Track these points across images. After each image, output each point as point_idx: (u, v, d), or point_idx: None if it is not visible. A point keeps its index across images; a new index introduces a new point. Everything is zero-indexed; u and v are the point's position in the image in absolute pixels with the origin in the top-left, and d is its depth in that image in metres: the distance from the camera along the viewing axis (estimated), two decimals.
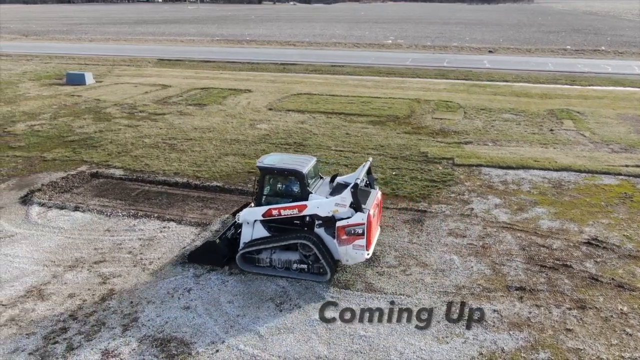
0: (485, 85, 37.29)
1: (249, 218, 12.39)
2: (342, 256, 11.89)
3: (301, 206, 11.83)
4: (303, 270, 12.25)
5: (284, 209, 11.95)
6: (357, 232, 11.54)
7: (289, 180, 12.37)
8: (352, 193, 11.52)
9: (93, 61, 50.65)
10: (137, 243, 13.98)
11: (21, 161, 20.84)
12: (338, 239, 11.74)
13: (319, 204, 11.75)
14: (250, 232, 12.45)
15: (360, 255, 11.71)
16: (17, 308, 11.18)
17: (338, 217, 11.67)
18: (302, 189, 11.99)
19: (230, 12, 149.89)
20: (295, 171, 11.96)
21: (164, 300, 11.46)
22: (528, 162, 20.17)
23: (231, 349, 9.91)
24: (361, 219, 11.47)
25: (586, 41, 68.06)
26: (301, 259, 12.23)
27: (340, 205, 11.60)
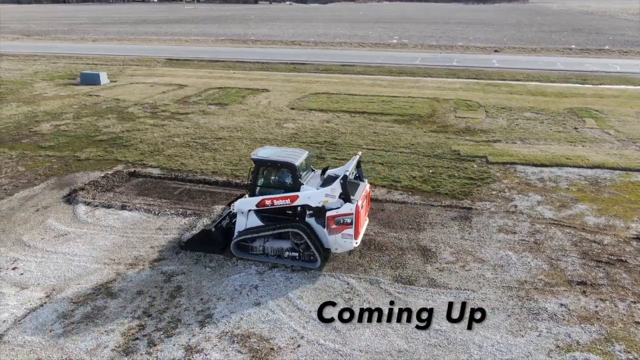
0: (500, 85, 37.60)
1: (244, 208, 13.04)
2: (331, 245, 12.50)
3: (293, 197, 12.45)
4: (294, 258, 12.84)
5: (277, 199, 12.58)
6: (346, 222, 12.15)
7: (281, 172, 12.91)
8: (341, 184, 12.09)
9: (101, 61, 50.50)
10: None
11: (55, 161, 20.83)
12: (328, 228, 12.34)
13: (310, 195, 12.38)
14: (245, 222, 13.07)
15: (348, 243, 12.34)
16: (88, 305, 11.25)
17: (328, 208, 12.27)
18: (294, 180, 12.57)
19: (229, 12, 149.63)
20: (287, 163, 12.57)
21: (233, 297, 11.57)
22: (560, 159, 20.44)
23: (312, 344, 10.05)
24: (350, 209, 12.07)
25: (589, 41, 68.68)
26: (293, 247, 12.80)
27: (330, 195, 12.22)
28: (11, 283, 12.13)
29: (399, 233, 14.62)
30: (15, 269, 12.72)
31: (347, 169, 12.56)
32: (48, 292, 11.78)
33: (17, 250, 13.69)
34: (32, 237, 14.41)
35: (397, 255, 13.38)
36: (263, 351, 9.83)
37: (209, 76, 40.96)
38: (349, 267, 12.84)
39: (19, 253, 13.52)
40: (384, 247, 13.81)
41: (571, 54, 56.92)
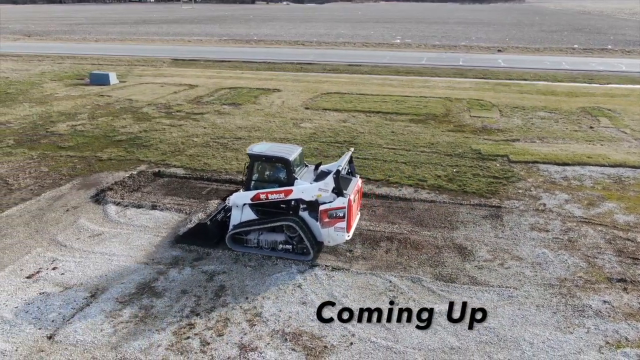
0: (510, 84, 37.79)
1: (239, 202, 13.32)
2: (324, 238, 12.83)
3: (287, 191, 12.77)
4: (288, 250, 13.15)
5: (272, 193, 12.89)
6: (338, 215, 12.49)
7: (276, 167, 13.18)
8: (334, 179, 12.43)
9: (107, 61, 50.38)
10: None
11: (77, 161, 20.81)
12: (321, 222, 12.66)
13: (304, 189, 12.71)
14: (240, 215, 13.36)
15: (340, 237, 12.69)
16: (135, 305, 11.27)
17: (321, 202, 12.60)
18: (289, 175, 12.88)
19: (228, 12, 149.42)
20: (282, 158, 12.86)
21: (278, 295, 11.62)
22: (582, 158, 20.59)
23: (364, 341, 10.11)
24: (342, 203, 12.41)
25: (590, 40, 69.06)
26: (286, 240, 13.11)
27: (323, 190, 12.56)
28: (53, 283, 12.13)
29: (432, 231, 14.70)
30: (55, 269, 12.72)
31: (340, 165, 12.86)
32: (92, 291, 11.78)
33: (54, 250, 13.69)
34: (67, 237, 14.40)
35: (434, 254, 13.47)
36: (317, 349, 9.88)
37: (217, 76, 40.94)
38: (389, 266, 12.91)
39: (56, 253, 13.52)
40: (420, 246, 13.89)
41: (574, 54, 57.20)
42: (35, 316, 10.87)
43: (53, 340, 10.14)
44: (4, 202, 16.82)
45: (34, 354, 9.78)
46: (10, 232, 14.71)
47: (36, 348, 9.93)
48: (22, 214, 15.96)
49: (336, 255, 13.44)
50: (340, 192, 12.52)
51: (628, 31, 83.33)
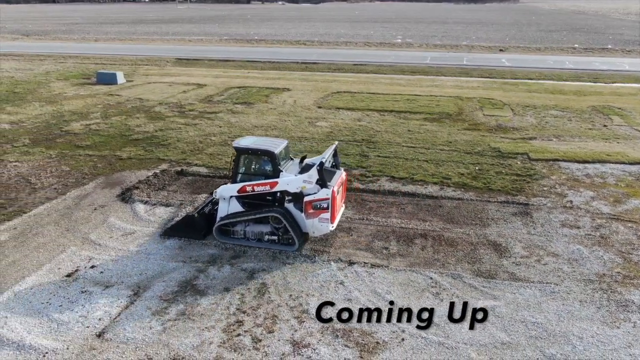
0: (517, 83, 38.00)
1: (225, 194, 13.59)
2: (309, 228, 13.16)
3: (273, 183, 13.09)
4: (274, 241, 13.45)
5: (258, 185, 13.21)
6: (322, 207, 12.82)
7: (262, 160, 13.49)
8: (318, 171, 12.74)
9: (110, 61, 50.12)
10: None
11: (97, 160, 20.71)
12: (305, 213, 12.98)
13: (289, 181, 13.01)
14: (226, 208, 13.63)
15: (325, 227, 13.03)
16: (180, 303, 11.24)
17: (306, 193, 12.90)
18: (274, 167, 13.17)
19: (224, 12, 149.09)
20: (267, 151, 13.18)
21: (322, 292, 11.64)
22: (601, 156, 20.76)
23: (415, 337, 10.15)
24: (326, 194, 12.74)
25: (590, 40, 69.57)
26: (272, 231, 13.40)
27: (308, 182, 12.86)
28: (93, 281, 12.08)
29: (464, 229, 14.78)
30: (93, 268, 12.67)
31: (324, 157, 13.13)
32: (134, 289, 11.75)
33: (89, 249, 13.63)
34: (100, 235, 14.34)
35: (470, 251, 13.54)
36: (370, 345, 9.91)
37: (224, 75, 40.87)
38: (427, 262, 12.96)
39: (91, 251, 13.46)
40: (454, 243, 13.96)
41: (575, 53, 57.59)
42: (81, 314, 10.82)
43: (103, 339, 10.10)
44: (30, 201, 16.71)
45: (86, 352, 9.73)
46: (41, 231, 14.62)
47: (87, 346, 9.89)
48: (49, 212, 15.87)
49: (373, 252, 13.48)
50: (324, 183, 12.85)
51: (626, 31, 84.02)
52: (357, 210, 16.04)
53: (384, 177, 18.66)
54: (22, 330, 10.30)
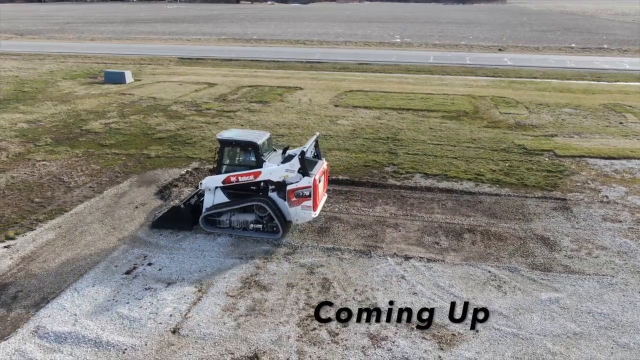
0: (525, 82, 38.48)
1: (210, 185, 13.96)
2: (292, 216, 13.58)
3: (256, 173, 13.52)
4: (258, 229, 13.86)
5: (242, 175, 13.62)
6: (304, 194, 13.24)
7: (245, 151, 13.88)
8: (299, 160, 13.18)
9: (112, 60, 49.67)
10: (312, 234, 14.20)
11: (125, 158, 20.58)
12: (289, 201, 13.39)
13: (272, 171, 13.48)
14: (212, 198, 13.99)
15: (308, 214, 13.45)
16: (248, 299, 11.26)
17: (288, 182, 13.30)
18: (257, 158, 13.61)
19: (216, 12, 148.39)
20: (251, 142, 13.61)
21: (386, 286, 11.74)
22: (625, 152, 21.16)
23: (488, 329, 10.30)
24: (308, 182, 13.17)
25: (584, 40, 70.60)
26: (257, 220, 13.82)
27: (290, 170, 13.30)
28: (154, 279, 12.04)
29: (509, 223, 14.99)
30: (150, 265, 12.63)
31: (305, 147, 13.58)
32: (197, 286, 11.74)
33: (140, 246, 13.58)
34: (148, 233, 14.29)
35: (520, 245, 13.74)
36: (446, 337, 10.04)
37: (232, 75, 40.75)
38: (481, 256, 13.14)
39: (143, 249, 13.41)
40: (502, 237, 14.16)
41: (574, 53, 58.39)
42: (151, 311, 10.79)
43: (179, 334, 10.08)
44: (68, 200, 16.56)
45: (165, 348, 9.72)
46: (87, 229, 14.52)
47: (165, 342, 9.87)
48: (91, 211, 15.75)
49: (425, 247, 13.62)
50: (306, 172, 13.25)
51: (617, 31, 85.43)
52: (399, 207, 16.17)
53: (417, 174, 18.82)
54: (95, 327, 10.25)
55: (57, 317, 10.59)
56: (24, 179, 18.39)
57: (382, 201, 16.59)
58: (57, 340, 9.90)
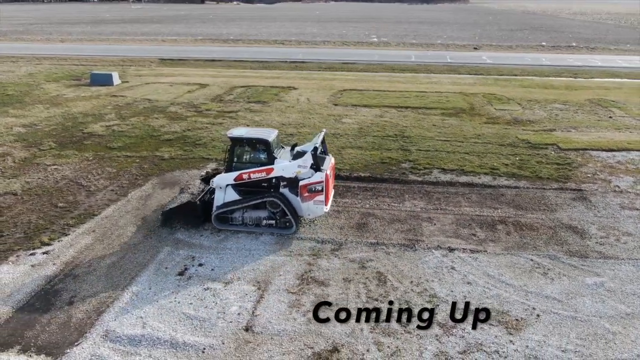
0: (510, 79, 39.75)
1: (222, 183, 14.05)
2: (304, 212, 13.86)
3: (269, 169, 13.72)
4: (271, 225, 14.05)
5: (254, 172, 13.77)
6: (317, 190, 13.55)
7: (257, 149, 14.05)
8: (312, 155, 13.49)
9: (90, 62, 48.41)
10: (351, 230, 14.46)
11: (139, 161, 20.29)
12: (301, 197, 13.61)
13: (284, 167, 13.68)
14: (222, 196, 14.08)
15: (320, 209, 13.76)
16: (310, 294, 11.43)
17: (300, 178, 13.56)
18: (269, 155, 13.84)
19: (183, 12, 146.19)
20: (262, 140, 13.83)
21: (440, 278, 12.12)
22: (623, 145, 22.30)
23: (547, 313, 10.81)
24: (320, 177, 13.50)
25: (552, 38, 73.24)
26: (269, 216, 14.00)
27: (302, 166, 13.54)
28: (210, 279, 12.06)
29: (536, 214, 15.64)
30: (201, 266, 12.61)
31: (317, 143, 13.86)
32: (255, 284, 11.82)
33: (184, 248, 13.52)
34: (189, 235, 14.23)
35: (552, 234, 14.38)
36: (511, 322, 10.48)
37: (221, 75, 40.46)
38: (519, 246, 13.70)
39: (188, 251, 13.37)
40: (534, 227, 14.78)
41: (545, 51, 60.52)
42: (218, 310, 10.82)
43: (252, 332, 10.17)
44: (93, 204, 16.27)
45: (243, 346, 9.79)
46: (123, 233, 14.34)
47: (241, 340, 9.94)
48: (121, 214, 15.54)
49: (463, 239, 14.08)
50: (318, 167, 13.53)
51: (580, 30, 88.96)
52: (427, 201, 16.60)
53: (435, 170, 19.31)
54: (166, 328, 10.21)
55: (124, 320, 10.49)
56: (39, 183, 17.92)
57: (409, 196, 16.98)
58: (131, 343, 9.82)
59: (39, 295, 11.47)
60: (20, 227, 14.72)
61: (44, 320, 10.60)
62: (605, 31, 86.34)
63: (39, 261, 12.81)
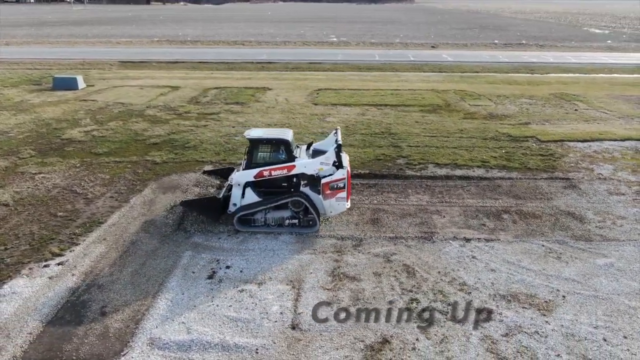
0: (475, 76, 41.32)
1: (241, 180, 14.14)
2: (326, 209, 14.09)
3: (290, 166, 13.93)
4: (294, 225, 14.23)
5: (275, 169, 13.95)
6: (339, 187, 13.82)
7: (276, 149, 14.27)
8: (336, 152, 13.78)
9: (44, 65, 46.30)
10: (367, 225, 14.77)
11: (131, 166, 19.76)
12: (323, 194, 13.87)
13: (306, 164, 13.96)
14: (239, 194, 14.17)
15: (342, 206, 14.08)
16: (347, 290, 11.61)
17: (322, 175, 13.87)
18: (289, 154, 14.09)
19: (131, 13, 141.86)
20: (282, 140, 14.11)
21: (464, 266, 12.62)
22: (595, 135, 23.77)
23: (572, 294, 11.50)
24: (342, 174, 13.80)
25: (501, 36, 76.48)
26: (292, 215, 14.18)
27: (325, 163, 13.87)
28: (242, 280, 12.01)
29: (534, 203, 16.50)
30: (229, 268, 12.53)
31: (338, 139, 14.15)
32: (288, 283, 11.89)
33: (205, 251, 13.38)
34: (205, 238, 14.09)
35: (554, 220, 15.24)
36: (541, 304, 11.09)
37: (190, 77, 39.78)
38: (528, 233, 14.44)
39: (210, 254, 13.24)
40: (536, 215, 15.60)
41: (498, 48, 63.15)
42: (259, 311, 10.82)
43: (300, 330, 10.25)
44: (95, 212, 15.76)
45: (294, 344, 9.87)
46: (137, 239, 14.03)
47: (291, 338, 10.01)
48: (128, 221, 15.14)
49: (475, 229, 14.68)
50: (341, 164, 13.76)
51: (525, 28, 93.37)
52: (431, 195, 17.14)
53: (430, 165, 19.91)
54: (213, 332, 10.13)
55: (166, 327, 10.31)
56: (30, 193, 17.13)
57: (412, 191, 17.46)
58: (180, 349, 9.68)
59: (66, 307, 11.05)
60: (23, 238, 14.05)
61: (80, 333, 10.23)
62: (549, 29, 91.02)
63: (55, 273, 12.31)
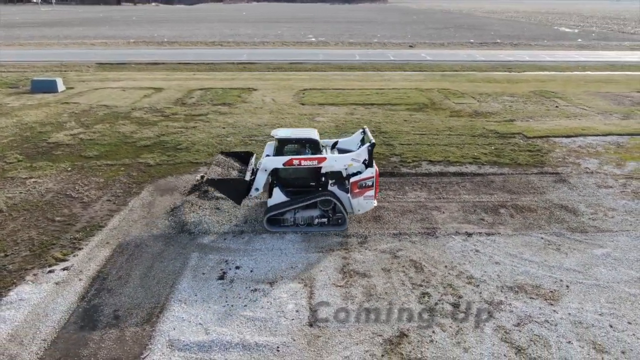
0: (455, 75, 42.04)
1: (269, 165, 14.00)
2: (354, 207, 14.30)
3: (321, 158, 13.96)
4: (324, 224, 14.36)
5: (305, 159, 13.90)
6: (367, 185, 14.00)
7: (305, 148, 14.56)
8: (368, 150, 13.89)
9: (20, 68, 45.14)
10: (370, 223, 14.97)
11: (124, 169, 19.54)
12: (351, 193, 14.06)
13: (337, 158, 14.11)
14: (263, 178, 14.07)
15: (370, 204, 14.31)
16: (357, 286, 11.78)
17: (350, 172, 14.04)
18: (317, 153, 14.44)
19: (102, 14, 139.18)
20: (311, 139, 14.50)
21: (469, 260, 12.94)
22: (577, 130, 24.54)
23: (574, 283, 11.93)
24: (371, 173, 14.00)
25: (476, 36, 77.96)
26: (321, 214, 14.32)
27: (355, 160, 13.98)
28: (253, 280, 12.07)
29: (528, 197, 16.99)
30: (239, 268, 12.57)
31: (371, 139, 14.28)
32: (300, 282, 12.00)
33: (212, 252, 13.38)
34: (210, 239, 14.07)
35: (549, 214, 15.73)
36: (547, 294, 11.48)
37: (173, 78, 39.37)
38: (526, 226, 14.88)
39: (218, 255, 13.24)
40: (531, 209, 16.07)
41: (474, 47, 64.36)
42: (275, 310, 10.90)
43: (318, 327, 10.38)
44: (94, 215, 15.56)
45: (314, 340, 10.00)
46: (141, 242, 13.92)
47: (310, 335, 10.13)
48: (129, 224, 15.00)
49: (475, 224, 15.04)
50: (371, 162, 13.93)
51: (498, 27, 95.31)
52: (428, 192, 17.47)
53: (423, 162, 20.26)
54: (232, 332, 10.18)
55: (183, 328, 10.30)
56: (23, 198, 16.78)
57: (409, 188, 17.76)
58: (202, 350, 9.70)
59: (77, 312, 10.92)
60: (22, 244, 13.79)
61: (96, 337, 10.14)
62: (521, 29, 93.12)
63: (61, 278, 12.14)
